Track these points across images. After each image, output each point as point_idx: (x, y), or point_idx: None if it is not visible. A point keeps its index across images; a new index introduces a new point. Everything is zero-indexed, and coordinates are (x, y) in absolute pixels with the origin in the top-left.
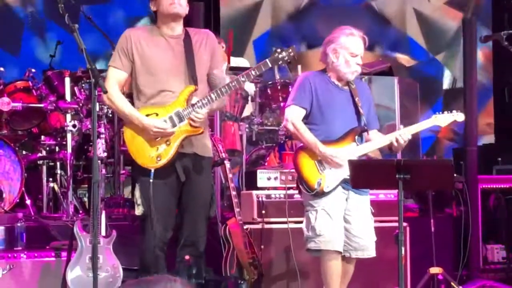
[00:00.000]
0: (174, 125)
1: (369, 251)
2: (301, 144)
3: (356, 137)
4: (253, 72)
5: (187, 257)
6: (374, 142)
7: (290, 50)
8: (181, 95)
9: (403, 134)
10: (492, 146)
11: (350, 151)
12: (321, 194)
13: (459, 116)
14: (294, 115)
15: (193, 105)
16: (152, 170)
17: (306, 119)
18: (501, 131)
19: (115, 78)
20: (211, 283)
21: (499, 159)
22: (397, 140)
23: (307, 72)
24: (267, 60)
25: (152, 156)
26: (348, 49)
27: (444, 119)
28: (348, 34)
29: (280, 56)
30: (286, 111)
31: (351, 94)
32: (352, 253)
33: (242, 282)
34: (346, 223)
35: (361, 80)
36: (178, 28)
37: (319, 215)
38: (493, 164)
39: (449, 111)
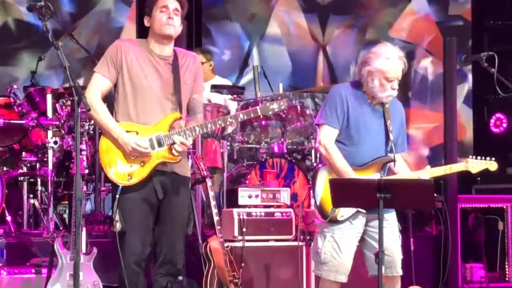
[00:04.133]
0: (152, 148)
1: (397, 268)
2: (320, 164)
3: (382, 167)
4: (241, 116)
5: (180, 277)
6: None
7: (282, 102)
8: (165, 120)
9: (422, 176)
10: None
11: None
12: (333, 221)
13: (492, 165)
14: (326, 137)
15: (177, 132)
16: (120, 186)
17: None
18: (480, 150)
19: (99, 85)
20: None
21: (478, 178)
22: None
23: (340, 85)
24: (257, 108)
25: (124, 172)
26: (384, 73)
27: (476, 166)
28: (385, 58)
29: (271, 106)
30: (318, 132)
31: (384, 116)
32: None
33: None
34: (375, 242)
35: (396, 99)
36: (168, 48)
37: (327, 242)
38: (472, 183)
39: (482, 157)
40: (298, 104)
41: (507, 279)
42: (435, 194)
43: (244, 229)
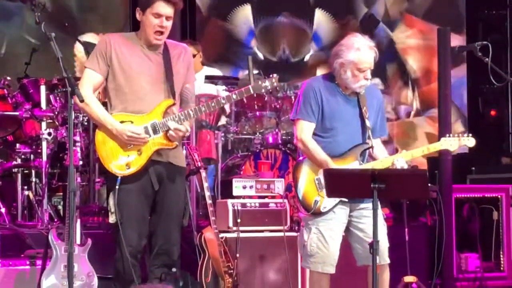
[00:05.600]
0: (148, 136)
1: (385, 256)
2: (301, 157)
3: (360, 155)
4: (234, 96)
5: (174, 269)
6: (377, 164)
7: (273, 79)
8: (158, 107)
9: (399, 161)
10: (466, 156)
11: None
12: (317, 213)
13: (470, 141)
14: (303, 132)
15: (171, 118)
16: (119, 177)
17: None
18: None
19: (90, 80)
20: None
21: (473, 168)
22: (393, 165)
23: (312, 78)
24: (249, 87)
25: (121, 163)
26: (356, 64)
27: (453, 143)
28: (356, 49)
29: (263, 84)
30: (295, 128)
31: (359, 105)
32: (370, 261)
33: None
34: (359, 232)
35: (372, 84)
36: (158, 45)
37: (312, 234)
38: (467, 173)
39: (457, 135)
40: (292, 95)
41: (501, 268)
42: (429, 184)
43: (239, 220)
